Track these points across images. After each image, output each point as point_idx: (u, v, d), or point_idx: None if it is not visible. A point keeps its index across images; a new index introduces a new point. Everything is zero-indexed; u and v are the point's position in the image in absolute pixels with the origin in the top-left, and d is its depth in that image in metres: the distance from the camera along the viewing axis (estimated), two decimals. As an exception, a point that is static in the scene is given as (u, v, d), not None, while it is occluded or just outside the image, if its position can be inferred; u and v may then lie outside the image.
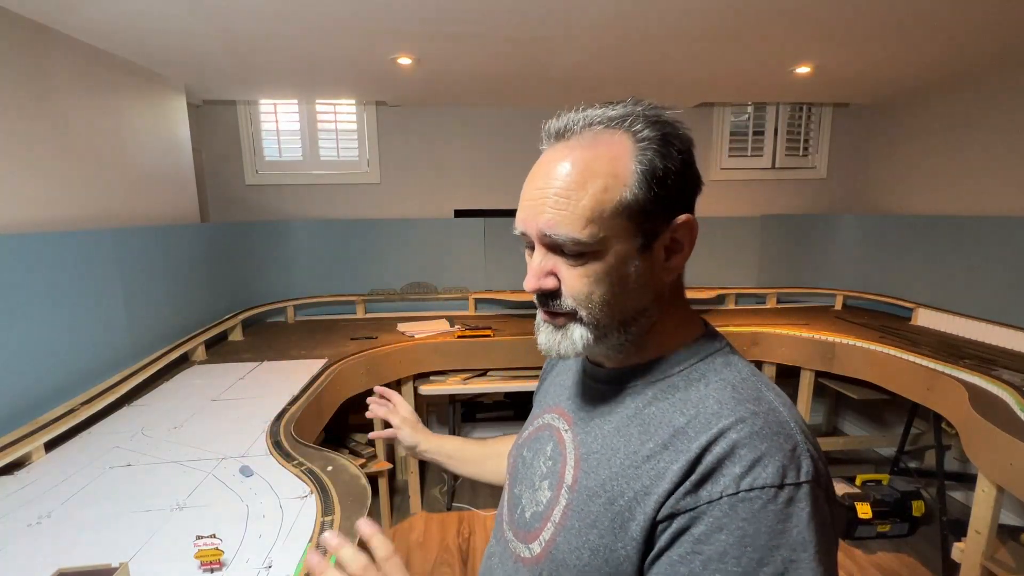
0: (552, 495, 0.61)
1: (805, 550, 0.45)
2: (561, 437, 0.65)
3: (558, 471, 0.62)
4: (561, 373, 0.76)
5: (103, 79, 2.04)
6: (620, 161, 0.53)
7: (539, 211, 0.55)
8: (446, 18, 1.81)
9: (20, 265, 1.49)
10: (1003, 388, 1.78)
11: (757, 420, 0.50)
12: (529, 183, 0.57)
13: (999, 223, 2.39)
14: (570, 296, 0.56)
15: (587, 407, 0.64)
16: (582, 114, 0.56)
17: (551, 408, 0.71)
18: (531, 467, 0.67)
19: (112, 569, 0.89)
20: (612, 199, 0.53)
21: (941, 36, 2.05)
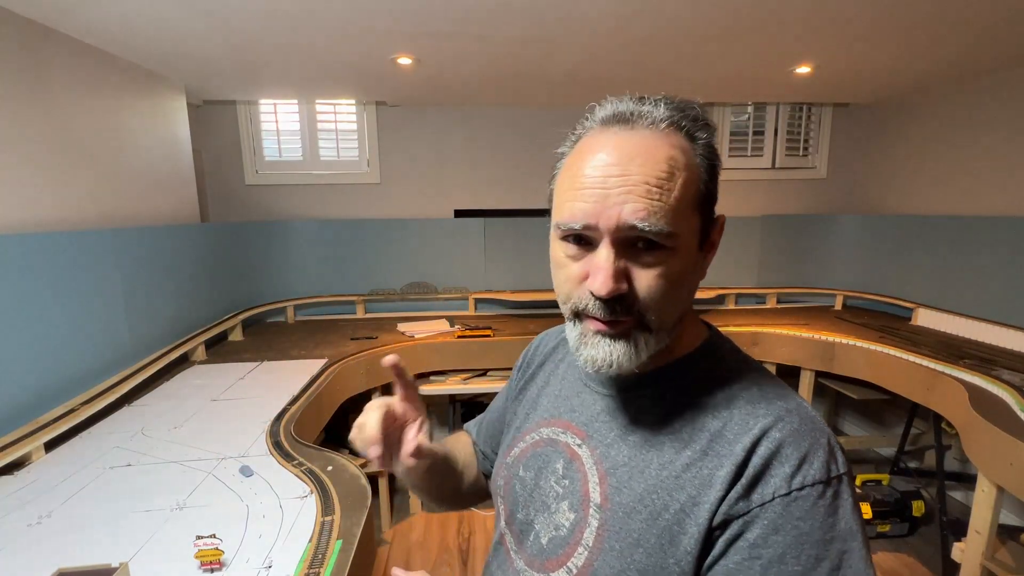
0: (577, 516, 0.56)
1: (855, 539, 0.46)
2: (575, 453, 0.59)
3: (580, 490, 0.57)
4: (552, 382, 0.69)
5: (103, 79, 2.04)
6: (688, 155, 0.51)
7: (622, 200, 0.48)
8: (446, 18, 1.81)
9: (20, 265, 1.49)
10: (1003, 388, 1.78)
11: (794, 417, 0.50)
12: (595, 169, 0.50)
13: (999, 223, 2.39)
14: (644, 299, 0.50)
15: (604, 418, 0.59)
16: (643, 107, 0.52)
17: (550, 421, 0.65)
18: (538, 488, 0.61)
19: (112, 569, 0.89)
20: (691, 194, 0.51)
21: (941, 36, 2.05)
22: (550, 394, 0.68)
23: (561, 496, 0.58)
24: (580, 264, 0.52)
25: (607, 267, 0.49)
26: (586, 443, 0.59)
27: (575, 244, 0.52)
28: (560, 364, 0.71)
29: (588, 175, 0.50)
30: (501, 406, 0.82)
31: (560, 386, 0.68)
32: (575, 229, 0.51)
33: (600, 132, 0.53)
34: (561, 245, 0.54)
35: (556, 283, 0.56)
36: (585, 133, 0.55)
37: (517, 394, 0.75)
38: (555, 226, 0.54)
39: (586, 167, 0.51)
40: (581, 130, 0.56)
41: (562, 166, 0.56)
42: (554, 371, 0.71)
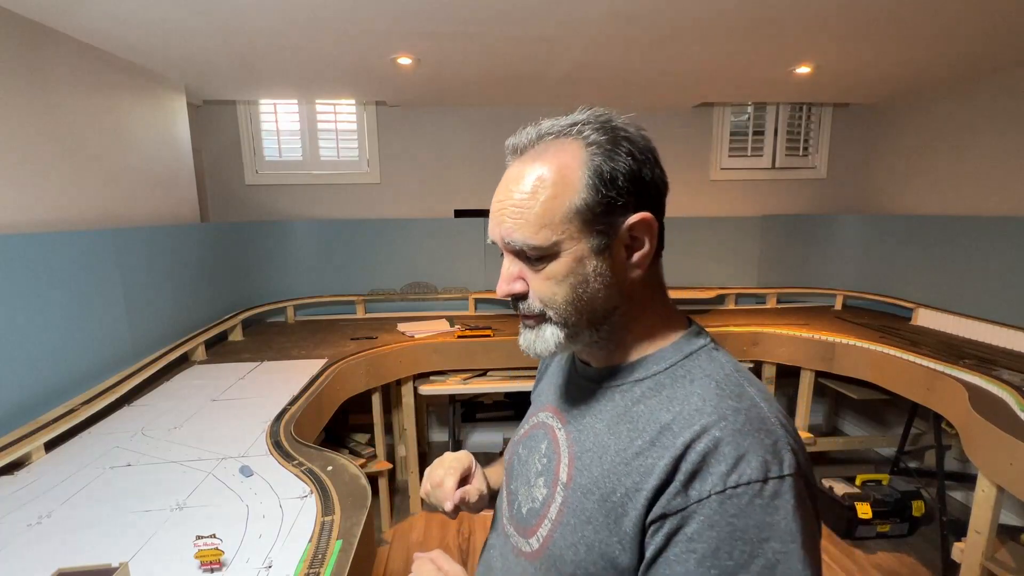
0: (548, 492, 0.63)
1: (793, 540, 0.47)
2: (555, 435, 0.67)
3: (553, 468, 0.64)
4: (554, 373, 0.78)
5: (103, 79, 2.04)
6: (569, 167, 0.56)
7: (500, 221, 0.59)
8: (446, 18, 1.81)
9: (20, 265, 1.49)
10: (1003, 388, 1.78)
11: (739, 417, 0.52)
12: (494, 197, 0.62)
13: (999, 223, 2.39)
14: (536, 298, 0.60)
15: (579, 405, 0.66)
16: (536, 128, 0.60)
17: (545, 407, 0.74)
18: (527, 464, 0.70)
19: (112, 569, 0.89)
20: (562, 205, 0.56)
21: (941, 37, 2.05)
22: (549, 383, 0.77)
23: (539, 472, 0.66)
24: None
25: (503, 274, 0.61)
26: (564, 427, 0.66)
27: (503, 255, 0.63)
28: (561, 359, 0.78)
29: (493, 203, 0.61)
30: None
31: (558, 375, 0.76)
32: (489, 245, 0.68)
33: (509, 164, 0.62)
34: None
35: None
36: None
37: (536, 384, 0.84)
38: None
39: (493, 197, 0.62)
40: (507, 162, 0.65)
41: None
42: (557, 363, 0.79)
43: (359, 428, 2.70)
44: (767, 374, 2.80)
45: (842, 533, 2.51)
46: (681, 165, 3.42)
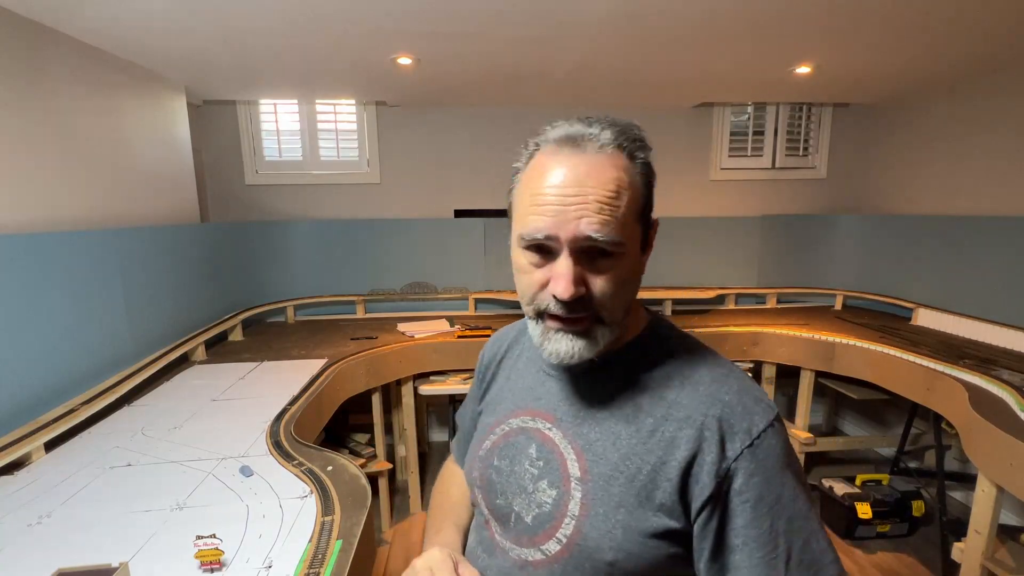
0: (560, 492, 0.62)
1: (795, 459, 0.59)
2: (546, 436, 0.66)
3: (558, 468, 0.63)
4: (513, 377, 0.76)
5: (103, 79, 2.04)
6: (630, 174, 0.60)
7: (579, 215, 0.56)
8: (446, 18, 1.81)
9: (20, 265, 1.49)
10: (1003, 388, 1.78)
11: (731, 379, 0.61)
12: (553, 187, 0.57)
13: (999, 223, 2.39)
14: (599, 298, 0.59)
15: (570, 401, 0.66)
16: (590, 129, 0.59)
17: (517, 412, 0.71)
18: (512, 474, 0.67)
19: (112, 569, 0.89)
20: (633, 207, 0.60)
21: (941, 37, 2.05)
22: (513, 388, 0.74)
23: (538, 476, 0.64)
24: (542, 271, 0.60)
25: (568, 274, 0.57)
26: (556, 426, 0.66)
27: (536, 253, 0.60)
28: (518, 360, 0.77)
29: (547, 192, 0.57)
30: (470, 417, 0.86)
31: (521, 379, 0.74)
32: (538, 240, 0.58)
33: (554, 152, 0.59)
34: (524, 253, 0.61)
35: (520, 287, 0.63)
36: (539, 151, 0.62)
37: (482, 397, 0.81)
38: (519, 236, 0.60)
39: (545, 184, 0.58)
40: (533, 148, 0.63)
41: (519, 180, 0.63)
42: (513, 367, 0.77)
43: (359, 428, 2.70)
44: (767, 374, 2.80)
45: (842, 533, 2.51)
46: (681, 165, 3.42)
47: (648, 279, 3.12)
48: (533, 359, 0.74)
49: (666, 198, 3.45)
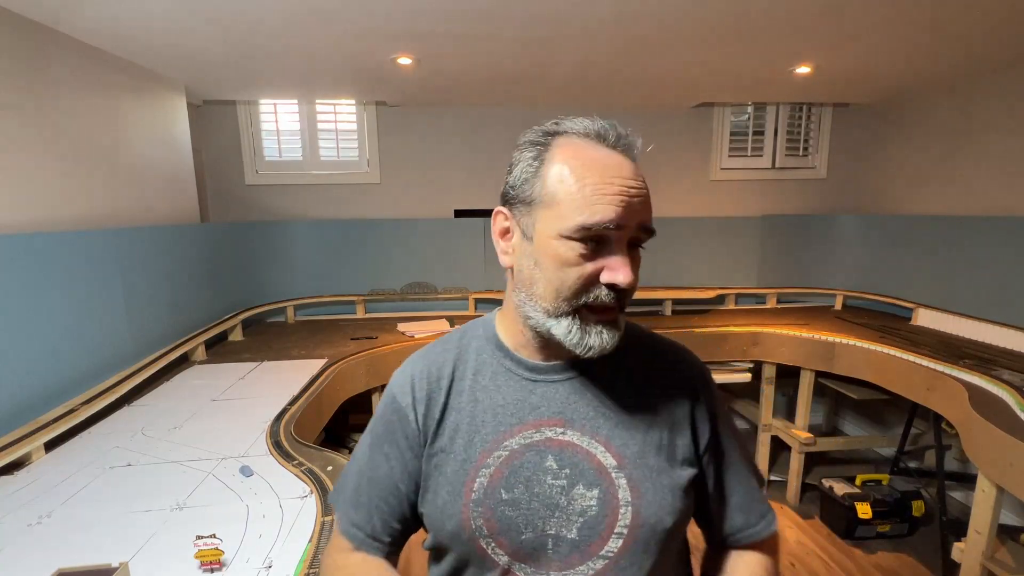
0: (603, 488, 0.62)
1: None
2: (563, 442, 0.63)
3: (589, 467, 0.62)
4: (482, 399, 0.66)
5: (103, 79, 2.04)
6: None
7: (642, 207, 0.59)
8: (446, 18, 1.81)
9: (20, 265, 1.49)
10: (1003, 388, 1.78)
11: (671, 344, 0.73)
12: (619, 180, 0.58)
13: (999, 223, 2.39)
14: (632, 289, 0.61)
15: (573, 400, 0.65)
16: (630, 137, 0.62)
17: (513, 431, 0.64)
18: (535, 498, 0.62)
19: (112, 569, 0.89)
20: None
21: (941, 36, 2.05)
22: (489, 408, 0.65)
23: (569, 486, 0.62)
24: (593, 262, 0.59)
25: (627, 262, 0.59)
26: (570, 427, 0.64)
27: (587, 244, 0.58)
28: (477, 377, 0.67)
29: (613, 182, 0.58)
30: (387, 475, 0.67)
31: (499, 395, 0.66)
32: (609, 229, 0.57)
33: (595, 146, 0.60)
34: (572, 245, 0.58)
35: (561, 280, 0.59)
36: (565, 142, 0.61)
37: (429, 442, 0.67)
38: (579, 226, 0.57)
39: (608, 175, 0.58)
40: (546, 138, 0.62)
41: (544, 170, 0.60)
42: (475, 387, 0.67)
43: (359, 428, 2.70)
44: (767, 374, 2.80)
45: (842, 533, 2.51)
46: (681, 165, 3.42)
47: (648, 279, 3.11)
48: (502, 371, 0.67)
49: (666, 198, 3.46)
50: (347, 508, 0.70)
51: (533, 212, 0.61)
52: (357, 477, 0.70)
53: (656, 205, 0.67)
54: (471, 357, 0.69)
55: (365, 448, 0.72)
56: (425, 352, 0.72)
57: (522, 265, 0.63)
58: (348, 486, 0.71)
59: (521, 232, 0.63)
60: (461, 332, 0.73)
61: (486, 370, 0.68)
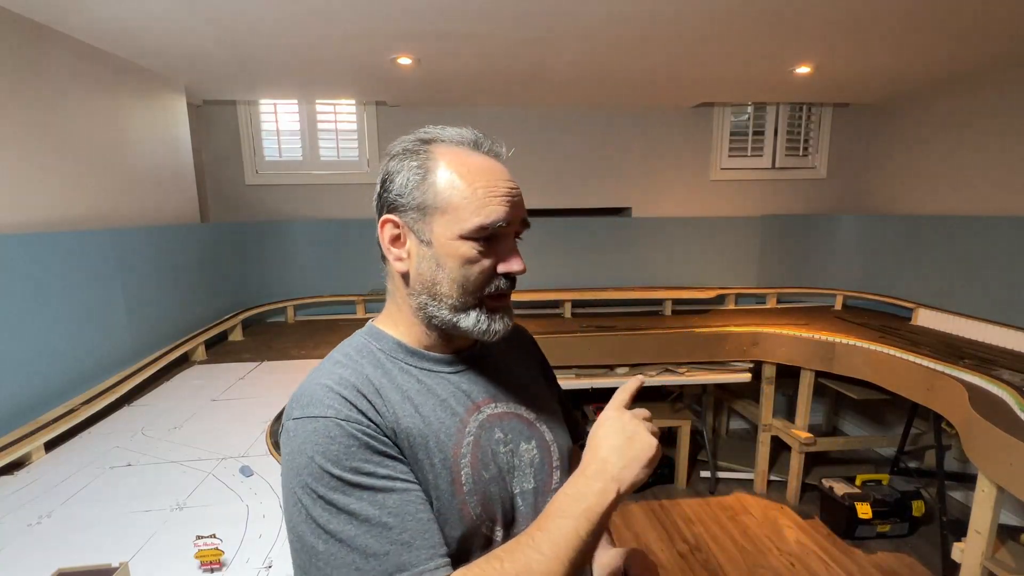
0: (536, 438, 0.73)
1: None
2: (498, 414, 0.70)
3: (522, 424, 0.72)
4: (421, 402, 0.64)
5: (103, 79, 2.04)
6: None
7: (522, 204, 0.67)
8: (446, 18, 1.81)
9: (20, 265, 1.49)
10: (1003, 388, 1.78)
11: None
12: (503, 182, 0.65)
13: (999, 223, 2.39)
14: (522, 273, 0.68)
15: (486, 377, 0.72)
16: (488, 141, 0.71)
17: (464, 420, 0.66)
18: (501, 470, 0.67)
19: (112, 569, 0.89)
20: None
21: (941, 36, 2.05)
22: (437, 407, 0.65)
23: (515, 446, 0.70)
24: (490, 258, 0.65)
25: (516, 251, 0.67)
26: (496, 400, 0.71)
27: (485, 242, 0.63)
28: (402, 384, 0.65)
29: (500, 185, 0.64)
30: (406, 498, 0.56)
31: (435, 394, 0.66)
32: (502, 227, 0.63)
33: (473, 153, 0.68)
34: (472, 244, 0.63)
35: (469, 277, 0.64)
36: (444, 151, 0.67)
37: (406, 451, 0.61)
38: (478, 227, 0.62)
39: (495, 179, 0.64)
40: (424, 146, 0.68)
41: (432, 177, 0.64)
42: (407, 394, 0.64)
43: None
44: (767, 374, 2.80)
45: (842, 533, 2.51)
46: (681, 165, 3.42)
47: (648, 279, 3.10)
48: (422, 372, 0.67)
49: (666, 198, 3.46)
50: (400, 560, 0.53)
51: (427, 218, 0.64)
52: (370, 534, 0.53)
53: (656, 205, 0.68)
54: (379, 368, 0.65)
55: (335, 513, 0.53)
56: (318, 374, 0.63)
57: (422, 269, 0.65)
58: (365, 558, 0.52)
59: (416, 238, 0.65)
60: (345, 352, 0.67)
61: (404, 376, 0.65)
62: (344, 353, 0.67)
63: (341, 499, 0.53)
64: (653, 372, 2.74)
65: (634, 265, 3.34)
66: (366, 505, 0.54)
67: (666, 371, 2.75)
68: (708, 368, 2.78)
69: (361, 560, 0.52)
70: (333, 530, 0.53)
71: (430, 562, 0.54)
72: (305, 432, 0.56)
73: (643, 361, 2.74)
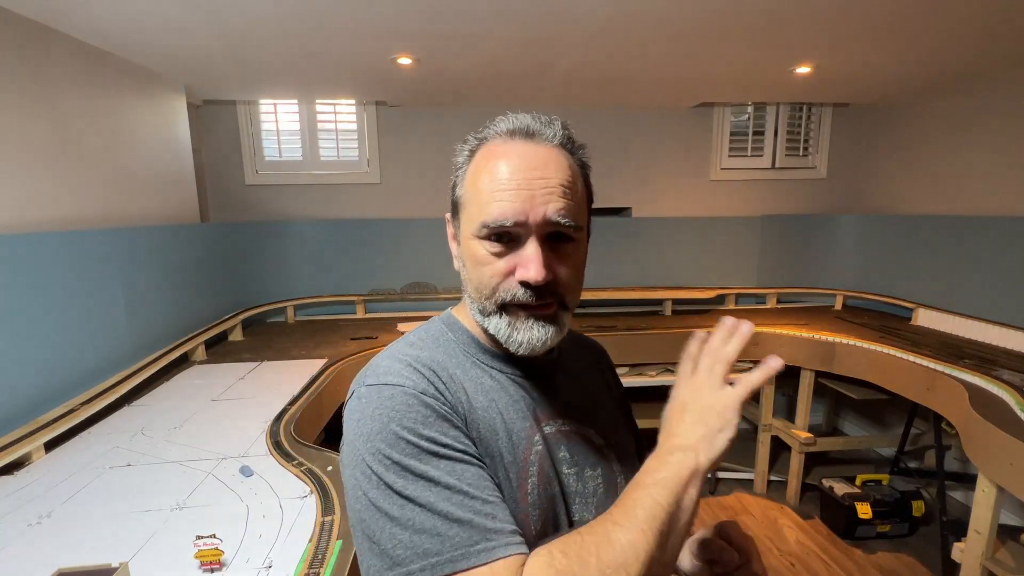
0: (603, 466, 0.66)
1: None
2: (565, 431, 0.65)
3: (590, 449, 0.66)
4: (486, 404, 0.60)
5: (103, 79, 2.04)
6: (576, 168, 0.62)
7: (547, 199, 0.56)
8: (446, 18, 1.81)
9: (20, 265, 1.49)
10: (1003, 388, 1.78)
11: (589, 338, 0.84)
12: (517, 172, 0.56)
13: (999, 223, 2.39)
14: (564, 283, 0.59)
15: (555, 390, 0.67)
16: (537, 124, 0.61)
17: (534, 427, 0.62)
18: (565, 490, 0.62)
19: (112, 569, 0.89)
20: (585, 196, 0.63)
21: (941, 36, 2.05)
22: (509, 407, 0.62)
23: (580, 471, 0.64)
24: (506, 260, 0.57)
25: (538, 258, 0.56)
26: (565, 417, 0.66)
27: (498, 242, 0.57)
28: (477, 375, 0.63)
29: (511, 178, 0.56)
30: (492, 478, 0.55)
31: (507, 393, 0.63)
32: (507, 227, 0.56)
33: (505, 142, 0.60)
34: (483, 244, 0.58)
35: (478, 279, 0.59)
36: (485, 143, 0.62)
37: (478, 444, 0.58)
38: (481, 225, 0.57)
39: (508, 170, 0.57)
40: (476, 143, 0.63)
41: (466, 173, 0.62)
42: (480, 385, 0.62)
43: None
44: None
45: (842, 533, 2.51)
46: (681, 165, 3.42)
47: (648, 279, 3.10)
48: (488, 370, 0.63)
49: (666, 198, 3.46)
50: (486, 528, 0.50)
51: (459, 216, 0.62)
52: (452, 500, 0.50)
53: (656, 205, 0.68)
54: (457, 356, 0.63)
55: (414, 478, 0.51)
56: (398, 348, 0.62)
57: (460, 267, 0.64)
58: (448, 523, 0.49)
59: (456, 236, 0.64)
60: (420, 336, 0.66)
61: (477, 370, 0.63)
62: (419, 337, 0.65)
63: (418, 465, 0.51)
64: (653, 372, 2.74)
65: (634, 265, 3.34)
66: (444, 474, 0.51)
67: (666, 371, 2.75)
68: (708, 368, 2.77)
69: (444, 525, 0.49)
70: (411, 495, 0.50)
71: (515, 536, 0.50)
72: (380, 398, 0.55)
73: (643, 361, 2.74)
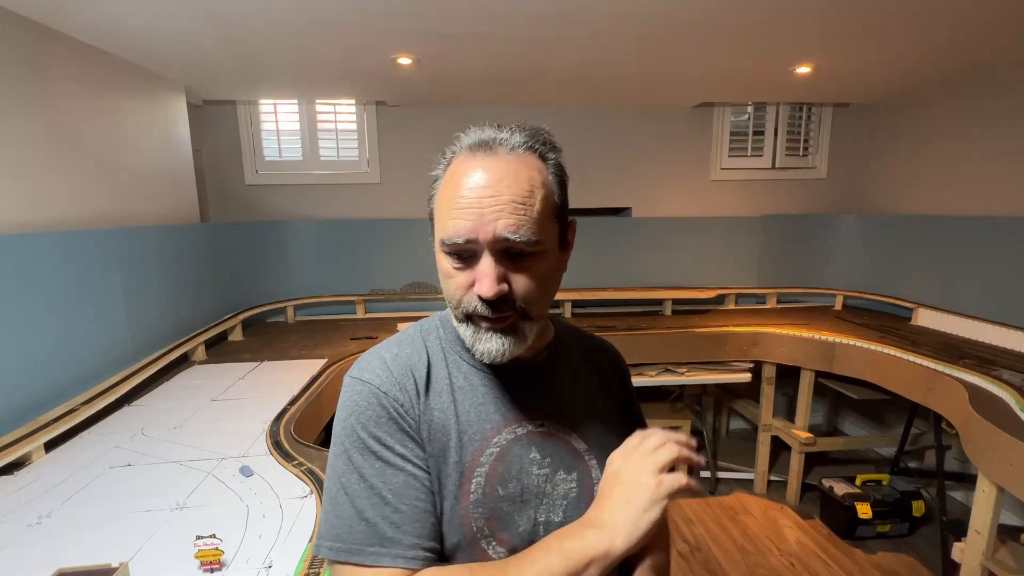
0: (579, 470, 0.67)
1: None
2: (541, 433, 0.66)
3: (567, 452, 0.67)
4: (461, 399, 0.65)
5: (103, 79, 2.04)
6: (543, 174, 0.62)
7: (496, 217, 0.57)
8: (447, 18, 1.81)
9: (20, 265, 1.49)
10: (1003, 388, 1.78)
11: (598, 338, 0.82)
12: (469, 191, 0.58)
13: (999, 223, 2.39)
14: (521, 297, 0.60)
15: (539, 392, 0.68)
16: (502, 134, 0.63)
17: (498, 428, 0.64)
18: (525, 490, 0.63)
19: (112, 569, 0.89)
20: (549, 205, 0.61)
21: (941, 36, 2.05)
22: (473, 408, 0.65)
23: (552, 472, 0.65)
24: (466, 274, 0.60)
25: (491, 274, 0.58)
26: (546, 418, 0.67)
27: (458, 257, 0.60)
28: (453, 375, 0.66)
29: (464, 196, 0.58)
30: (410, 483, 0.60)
31: (478, 394, 0.66)
32: (459, 244, 0.58)
33: (468, 158, 0.61)
34: (447, 258, 0.61)
35: (446, 291, 0.64)
36: (455, 158, 0.63)
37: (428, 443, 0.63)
38: (440, 242, 0.61)
39: (461, 189, 0.59)
40: (450, 155, 0.64)
41: (438, 187, 0.63)
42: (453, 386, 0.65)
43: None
44: (767, 374, 2.80)
45: (842, 533, 2.51)
46: (681, 165, 3.42)
47: (648, 279, 3.09)
48: (472, 370, 0.67)
49: (666, 198, 3.46)
50: (383, 535, 0.57)
51: (432, 226, 0.65)
52: (369, 500, 0.58)
53: (656, 205, 0.68)
54: (437, 355, 0.68)
55: (352, 469, 0.59)
56: (386, 345, 0.68)
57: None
58: (358, 519, 0.57)
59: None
60: (418, 328, 0.73)
61: (455, 368, 0.67)
62: (416, 330, 0.71)
63: (357, 458, 0.60)
64: (653, 372, 2.74)
65: (634, 265, 3.34)
66: (374, 473, 0.59)
67: (666, 371, 2.75)
68: (708, 368, 2.78)
69: (355, 519, 0.58)
70: (344, 483, 0.59)
71: (409, 551, 0.57)
72: (351, 392, 0.63)
73: (643, 361, 2.74)
